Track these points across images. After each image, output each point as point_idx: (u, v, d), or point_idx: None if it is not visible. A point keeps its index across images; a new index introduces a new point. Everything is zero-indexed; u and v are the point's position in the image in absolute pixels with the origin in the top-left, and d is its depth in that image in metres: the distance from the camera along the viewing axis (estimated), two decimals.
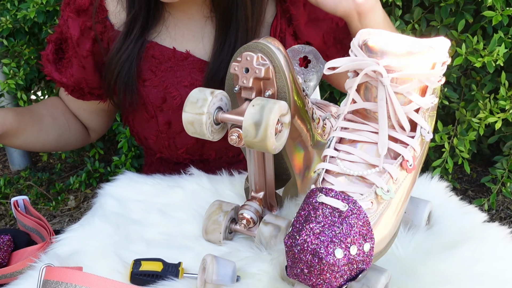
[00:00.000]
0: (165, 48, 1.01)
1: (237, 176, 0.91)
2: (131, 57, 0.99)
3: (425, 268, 0.67)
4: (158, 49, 1.01)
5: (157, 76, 1.00)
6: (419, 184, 0.84)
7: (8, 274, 0.78)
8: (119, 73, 0.99)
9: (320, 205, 0.58)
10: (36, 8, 1.67)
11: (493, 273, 0.67)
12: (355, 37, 0.63)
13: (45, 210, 2.08)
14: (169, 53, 1.01)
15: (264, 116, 0.61)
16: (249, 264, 0.69)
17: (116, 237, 0.77)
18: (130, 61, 0.98)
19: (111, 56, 0.99)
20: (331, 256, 0.55)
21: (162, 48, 1.01)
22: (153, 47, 1.01)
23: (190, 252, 0.74)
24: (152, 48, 1.01)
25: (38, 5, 1.67)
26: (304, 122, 0.73)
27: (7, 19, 1.76)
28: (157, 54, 1.01)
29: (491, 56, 1.46)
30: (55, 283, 0.59)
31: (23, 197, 0.95)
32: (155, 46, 1.01)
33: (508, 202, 1.96)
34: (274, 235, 0.71)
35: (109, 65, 0.99)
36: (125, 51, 0.98)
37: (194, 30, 1.02)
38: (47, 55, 1.05)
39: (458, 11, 1.61)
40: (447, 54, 0.62)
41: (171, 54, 1.01)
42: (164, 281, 0.67)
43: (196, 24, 1.02)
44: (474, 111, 1.62)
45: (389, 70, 0.60)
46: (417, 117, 0.62)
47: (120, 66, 0.98)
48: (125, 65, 0.98)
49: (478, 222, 0.78)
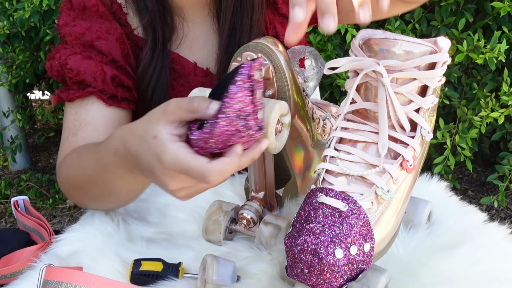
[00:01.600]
0: (186, 62, 0.99)
1: (237, 176, 0.91)
2: (165, 69, 0.95)
3: (425, 268, 0.67)
4: (179, 62, 0.98)
5: (174, 90, 0.98)
6: (419, 184, 0.84)
7: (8, 274, 0.78)
8: (154, 87, 0.94)
9: (320, 205, 0.58)
10: (31, 8, 1.67)
11: (494, 272, 0.67)
12: (355, 37, 0.63)
13: (45, 210, 2.09)
14: (190, 68, 0.98)
15: (264, 116, 0.61)
16: (249, 264, 0.69)
17: (116, 237, 0.77)
18: (164, 74, 0.95)
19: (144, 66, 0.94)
20: (331, 256, 0.55)
21: (183, 61, 0.98)
22: (175, 59, 0.98)
23: (190, 252, 0.74)
24: (174, 60, 0.98)
25: (33, 5, 1.67)
26: (304, 122, 0.73)
27: (4, 24, 1.76)
28: (178, 67, 0.98)
29: (492, 52, 1.47)
30: (55, 283, 0.59)
31: (23, 197, 0.95)
32: (176, 59, 0.98)
33: (508, 202, 1.96)
34: (274, 235, 0.71)
35: (143, 77, 0.95)
36: (157, 61, 0.94)
37: (202, 38, 1.01)
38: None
39: (458, 11, 1.61)
40: (447, 54, 0.62)
41: (191, 69, 0.98)
42: (164, 281, 0.67)
43: (202, 31, 1.00)
44: (476, 109, 1.62)
45: (389, 70, 0.60)
46: (417, 117, 0.62)
47: (155, 81, 0.94)
48: (160, 79, 0.94)
49: (478, 222, 0.78)
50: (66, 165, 0.84)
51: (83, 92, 0.89)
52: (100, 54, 0.91)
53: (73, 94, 0.89)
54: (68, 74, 0.89)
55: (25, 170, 2.32)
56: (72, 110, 0.90)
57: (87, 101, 0.89)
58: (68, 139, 0.89)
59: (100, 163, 0.72)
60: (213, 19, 1.00)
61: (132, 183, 0.73)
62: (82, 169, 0.78)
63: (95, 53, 0.91)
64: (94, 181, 0.76)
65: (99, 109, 0.89)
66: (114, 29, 0.93)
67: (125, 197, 0.80)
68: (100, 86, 0.88)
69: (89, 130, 0.88)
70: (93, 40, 0.91)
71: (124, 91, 0.92)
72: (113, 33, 0.92)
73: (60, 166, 0.86)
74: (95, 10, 0.92)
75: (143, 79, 0.95)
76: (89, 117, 0.89)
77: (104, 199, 0.80)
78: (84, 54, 0.90)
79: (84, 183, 0.78)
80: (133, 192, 0.78)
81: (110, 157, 0.68)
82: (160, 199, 0.89)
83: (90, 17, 0.92)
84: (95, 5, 0.92)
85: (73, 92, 0.89)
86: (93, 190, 0.78)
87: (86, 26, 0.92)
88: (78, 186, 0.81)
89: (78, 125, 0.88)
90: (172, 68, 0.98)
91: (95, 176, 0.75)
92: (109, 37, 0.92)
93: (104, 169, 0.72)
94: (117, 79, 0.91)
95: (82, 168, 0.78)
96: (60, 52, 0.92)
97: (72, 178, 0.81)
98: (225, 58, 0.98)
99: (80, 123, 0.89)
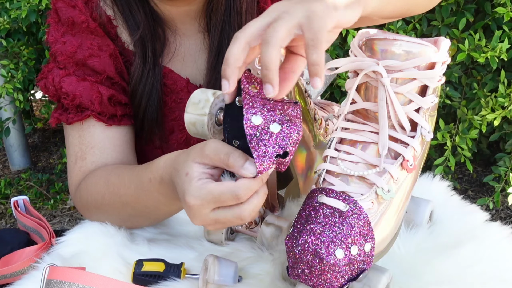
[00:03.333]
0: (177, 77, 0.95)
1: None
2: (156, 87, 0.92)
3: (426, 267, 0.67)
4: (171, 78, 0.95)
5: (167, 105, 0.95)
6: (421, 183, 0.84)
7: (8, 274, 0.78)
8: (146, 106, 0.92)
9: (321, 205, 0.59)
10: (28, 7, 1.67)
11: (494, 272, 0.67)
12: (355, 38, 0.63)
13: (45, 210, 2.09)
14: (182, 84, 0.95)
15: None
16: (251, 265, 0.69)
17: (118, 238, 0.77)
18: (156, 92, 0.92)
19: (134, 84, 0.91)
20: (331, 257, 0.55)
21: (175, 76, 0.95)
22: (167, 75, 0.95)
23: (192, 253, 0.74)
24: (166, 75, 0.95)
25: (29, 4, 1.67)
26: (306, 123, 0.73)
27: (4, 19, 1.76)
28: (169, 83, 0.95)
29: (494, 52, 1.47)
30: (58, 283, 0.60)
31: (23, 197, 0.95)
32: (168, 74, 0.95)
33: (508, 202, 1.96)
34: (276, 235, 0.71)
35: (134, 95, 0.92)
36: (148, 78, 0.91)
37: (194, 53, 0.97)
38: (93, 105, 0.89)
39: (459, 11, 1.61)
40: (447, 53, 0.63)
41: (183, 86, 0.95)
42: (166, 282, 0.67)
43: (194, 45, 0.97)
44: (476, 109, 1.62)
45: (389, 70, 0.60)
46: (418, 117, 0.63)
47: (147, 100, 0.92)
48: (152, 96, 0.92)
49: (480, 221, 0.78)
50: (88, 191, 0.83)
51: (82, 115, 0.87)
52: (94, 73, 0.89)
53: (72, 118, 0.87)
54: (64, 100, 0.88)
55: (25, 170, 2.32)
56: (76, 134, 0.89)
57: (88, 123, 0.88)
58: (77, 164, 0.88)
59: (142, 190, 0.72)
60: (203, 35, 0.97)
61: (174, 208, 0.74)
62: (117, 195, 0.77)
63: (89, 72, 0.89)
64: (131, 206, 0.76)
65: (102, 130, 0.88)
66: (106, 45, 0.90)
67: (161, 218, 0.81)
68: (98, 109, 0.87)
69: (97, 153, 0.87)
70: (86, 59, 0.88)
71: (123, 108, 0.91)
72: (105, 49, 0.89)
73: (79, 191, 0.85)
74: (85, 27, 0.89)
75: (134, 98, 0.92)
76: (95, 140, 0.87)
77: (137, 221, 0.80)
78: (78, 74, 0.88)
79: (119, 208, 0.78)
80: (171, 214, 0.79)
81: (155, 185, 0.69)
82: None
83: (80, 32, 0.89)
84: (85, 22, 0.89)
85: (71, 116, 0.88)
86: (127, 213, 0.78)
87: (77, 43, 0.89)
88: (107, 211, 0.80)
89: (85, 149, 0.87)
90: (164, 84, 0.95)
91: (134, 202, 0.75)
92: (101, 54, 0.89)
93: (147, 196, 0.72)
94: (114, 99, 0.89)
95: (117, 194, 0.77)
96: (53, 73, 0.89)
97: (99, 203, 0.80)
98: (213, 76, 0.94)
99: (86, 147, 0.88)
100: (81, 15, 0.89)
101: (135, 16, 0.91)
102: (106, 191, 0.79)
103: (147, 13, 0.91)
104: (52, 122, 0.90)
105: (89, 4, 0.90)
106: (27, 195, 1.41)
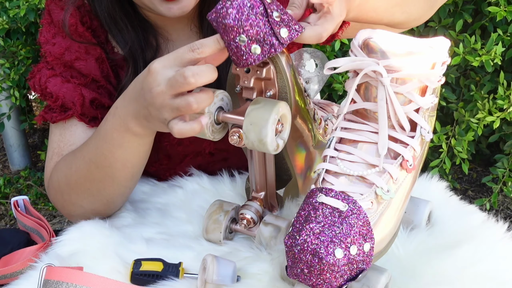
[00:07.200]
0: None
1: (238, 176, 0.92)
2: None
3: (425, 268, 0.67)
4: None
5: None
6: (419, 184, 0.84)
7: (8, 274, 0.78)
8: None
9: (320, 205, 0.59)
10: (27, 6, 1.67)
11: (494, 273, 0.67)
12: (355, 37, 0.63)
13: (45, 210, 2.09)
14: None
15: (264, 117, 0.61)
16: (250, 264, 0.69)
17: (116, 237, 0.77)
18: None
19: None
20: (331, 256, 0.55)
21: None
22: None
23: (191, 252, 0.74)
24: None
25: (28, 3, 1.67)
26: (305, 123, 0.73)
27: (4, 19, 1.76)
28: None
29: (488, 55, 1.46)
30: (56, 283, 0.59)
31: (23, 197, 0.95)
32: None
33: (508, 202, 1.96)
34: (274, 235, 0.71)
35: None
36: None
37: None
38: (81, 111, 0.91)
39: (457, 11, 1.60)
40: (447, 54, 0.62)
41: None
42: (164, 281, 0.67)
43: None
44: (473, 111, 1.62)
45: (389, 70, 0.60)
46: (417, 117, 0.63)
47: None
48: None
49: (479, 222, 0.78)
50: (58, 170, 0.86)
51: (64, 115, 0.89)
52: (80, 75, 0.90)
53: (56, 117, 0.89)
54: (49, 100, 0.89)
55: (24, 170, 2.32)
56: (57, 131, 0.91)
57: (70, 123, 0.90)
58: (52, 160, 0.89)
59: (98, 136, 0.77)
60: (197, 36, 0.96)
61: (129, 148, 0.76)
62: (82, 156, 0.81)
63: (75, 74, 0.90)
64: (94, 162, 0.79)
65: (84, 130, 0.89)
66: (93, 48, 0.91)
67: (124, 174, 0.80)
68: (79, 110, 0.88)
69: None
70: (73, 61, 0.90)
71: (106, 111, 0.88)
72: (92, 52, 0.91)
73: (51, 178, 0.87)
74: (74, 30, 0.90)
75: None
76: (74, 139, 0.89)
77: (105, 188, 0.81)
78: (65, 75, 0.90)
79: (85, 172, 0.80)
80: (130, 165, 0.79)
81: (109, 121, 0.75)
82: (160, 199, 0.89)
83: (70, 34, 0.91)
84: (74, 25, 0.90)
85: (55, 115, 0.89)
86: (93, 177, 0.80)
87: (66, 45, 0.90)
88: (77, 182, 0.82)
89: (63, 146, 0.89)
90: None
91: (94, 153, 0.79)
92: (88, 57, 0.90)
93: (104, 140, 0.76)
94: (97, 102, 0.90)
95: (81, 155, 0.81)
96: (41, 73, 0.91)
97: (69, 177, 0.82)
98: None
99: (65, 144, 0.89)
100: (71, 18, 0.90)
101: (124, 34, 0.91)
102: (73, 158, 0.83)
103: (136, 27, 0.91)
104: (38, 120, 0.93)
105: (81, 8, 0.91)
106: (27, 195, 1.40)
